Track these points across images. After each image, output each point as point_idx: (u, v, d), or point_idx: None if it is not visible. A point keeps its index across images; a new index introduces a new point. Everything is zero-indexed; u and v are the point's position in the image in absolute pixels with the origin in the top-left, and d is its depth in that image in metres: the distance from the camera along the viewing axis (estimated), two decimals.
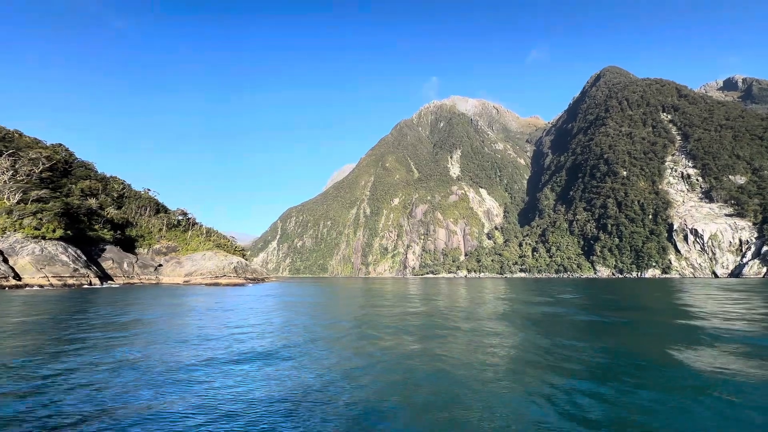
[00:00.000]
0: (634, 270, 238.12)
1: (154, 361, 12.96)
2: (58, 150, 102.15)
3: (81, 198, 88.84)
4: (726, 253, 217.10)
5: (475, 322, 24.28)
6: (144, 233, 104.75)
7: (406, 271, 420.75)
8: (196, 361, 13.03)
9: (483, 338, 18.23)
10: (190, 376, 11.22)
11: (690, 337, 18.35)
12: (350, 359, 13.66)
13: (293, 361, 13.25)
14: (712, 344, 16.25)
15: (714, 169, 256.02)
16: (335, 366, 12.61)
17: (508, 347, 16.19)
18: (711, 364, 12.82)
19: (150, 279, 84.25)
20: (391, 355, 14.40)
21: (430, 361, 13.28)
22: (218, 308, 33.76)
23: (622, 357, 13.96)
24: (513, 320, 25.49)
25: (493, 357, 14.14)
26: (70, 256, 64.67)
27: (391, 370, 12.11)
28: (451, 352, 14.97)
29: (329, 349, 15.50)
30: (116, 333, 19.00)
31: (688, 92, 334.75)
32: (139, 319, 25.23)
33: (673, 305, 37.37)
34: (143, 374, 11.31)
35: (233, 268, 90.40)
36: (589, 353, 14.68)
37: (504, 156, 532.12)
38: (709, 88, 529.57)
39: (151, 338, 17.61)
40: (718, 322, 23.13)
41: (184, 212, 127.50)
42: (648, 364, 12.85)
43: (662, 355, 14.51)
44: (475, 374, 11.65)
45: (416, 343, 16.85)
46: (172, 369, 11.93)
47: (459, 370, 12.12)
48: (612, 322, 25.23)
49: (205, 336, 18.57)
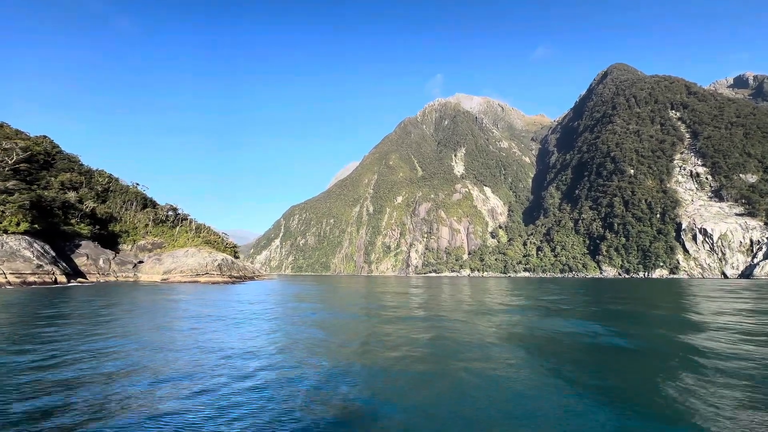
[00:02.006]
0: (641, 270, 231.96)
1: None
2: (39, 142, 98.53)
3: (60, 191, 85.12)
4: (736, 254, 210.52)
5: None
6: (129, 229, 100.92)
7: (408, 270, 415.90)
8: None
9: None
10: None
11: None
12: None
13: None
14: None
15: (724, 167, 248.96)
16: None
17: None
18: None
19: (127, 277, 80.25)
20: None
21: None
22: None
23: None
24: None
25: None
26: (35, 252, 60.74)
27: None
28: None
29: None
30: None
31: (697, 89, 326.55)
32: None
33: (693, 311, 32.62)
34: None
35: (217, 265, 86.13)
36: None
37: (509, 154, 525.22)
38: (719, 85, 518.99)
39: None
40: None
41: (174, 207, 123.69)
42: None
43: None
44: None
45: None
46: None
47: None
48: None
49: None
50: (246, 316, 26.68)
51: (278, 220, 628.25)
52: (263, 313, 28.96)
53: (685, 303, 40.41)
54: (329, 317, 28.06)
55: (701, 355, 14.88)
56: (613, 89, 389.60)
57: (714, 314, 28.78)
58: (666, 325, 24.70)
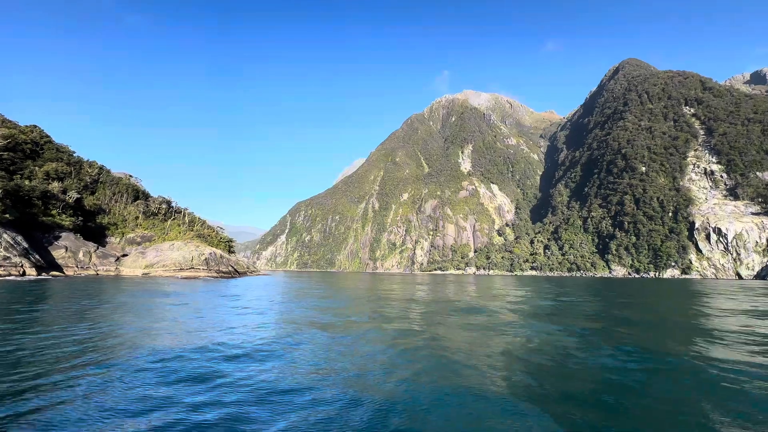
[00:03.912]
0: (651, 270, 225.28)
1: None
2: (27, 131, 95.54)
3: (44, 181, 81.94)
4: (752, 254, 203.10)
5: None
6: (117, 221, 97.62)
7: (413, 267, 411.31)
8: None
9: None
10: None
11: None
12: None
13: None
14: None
15: (740, 165, 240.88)
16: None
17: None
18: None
19: (108, 270, 76.73)
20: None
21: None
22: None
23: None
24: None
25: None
26: (3, 243, 57.39)
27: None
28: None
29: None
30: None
31: (712, 85, 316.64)
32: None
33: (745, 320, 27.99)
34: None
35: (204, 260, 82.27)
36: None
37: (517, 151, 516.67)
38: (735, 81, 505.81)
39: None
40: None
41: (168, 200, 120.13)
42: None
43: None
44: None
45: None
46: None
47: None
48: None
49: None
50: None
51: (284, 216, 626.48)
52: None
53: (733, 309, 35.70)
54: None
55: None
56: (625, 85, 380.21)
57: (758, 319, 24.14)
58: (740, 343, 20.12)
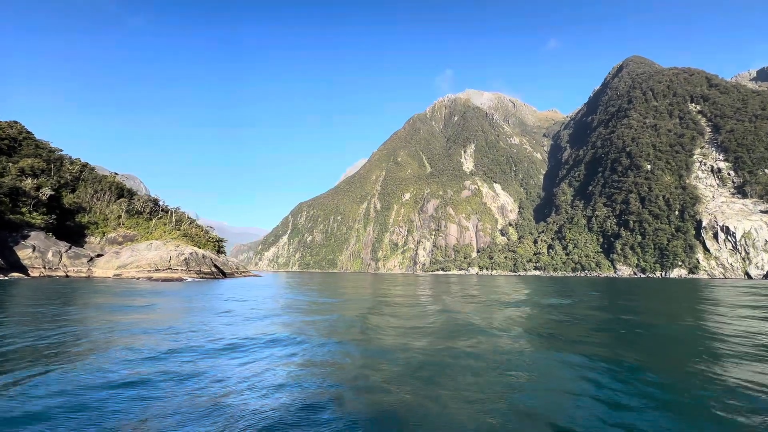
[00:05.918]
0: (657, 269, 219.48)
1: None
2: (5, 127, 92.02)
3: (18, 177, 78.29)
4: (761, 253, 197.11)
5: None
6: (98, 220, 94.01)
7: (416, 267, 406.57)
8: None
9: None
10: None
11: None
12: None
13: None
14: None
15: (748, 162, 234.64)
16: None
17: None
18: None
19: (80, 272, 72.87)
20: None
21: None
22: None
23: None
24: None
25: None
26: None
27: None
28: None
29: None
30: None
31: (719, 81, 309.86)
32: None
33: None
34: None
35: (183, 260, 78.28)
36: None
37: (520, 150, 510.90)
38: (742, 78, 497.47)
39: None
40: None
41: (154, 199, 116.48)
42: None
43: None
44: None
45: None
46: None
47: None
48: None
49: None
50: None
51: (286, 217, 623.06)
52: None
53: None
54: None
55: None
56: (629, 82, 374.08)
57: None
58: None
